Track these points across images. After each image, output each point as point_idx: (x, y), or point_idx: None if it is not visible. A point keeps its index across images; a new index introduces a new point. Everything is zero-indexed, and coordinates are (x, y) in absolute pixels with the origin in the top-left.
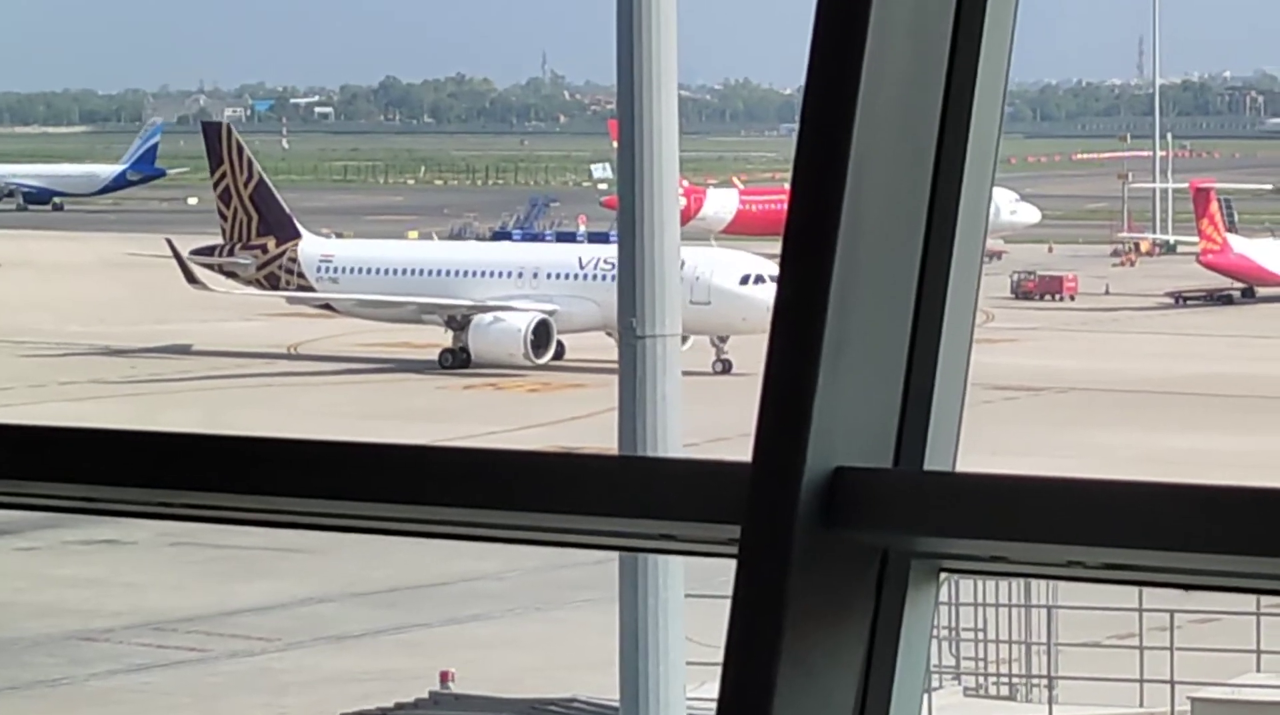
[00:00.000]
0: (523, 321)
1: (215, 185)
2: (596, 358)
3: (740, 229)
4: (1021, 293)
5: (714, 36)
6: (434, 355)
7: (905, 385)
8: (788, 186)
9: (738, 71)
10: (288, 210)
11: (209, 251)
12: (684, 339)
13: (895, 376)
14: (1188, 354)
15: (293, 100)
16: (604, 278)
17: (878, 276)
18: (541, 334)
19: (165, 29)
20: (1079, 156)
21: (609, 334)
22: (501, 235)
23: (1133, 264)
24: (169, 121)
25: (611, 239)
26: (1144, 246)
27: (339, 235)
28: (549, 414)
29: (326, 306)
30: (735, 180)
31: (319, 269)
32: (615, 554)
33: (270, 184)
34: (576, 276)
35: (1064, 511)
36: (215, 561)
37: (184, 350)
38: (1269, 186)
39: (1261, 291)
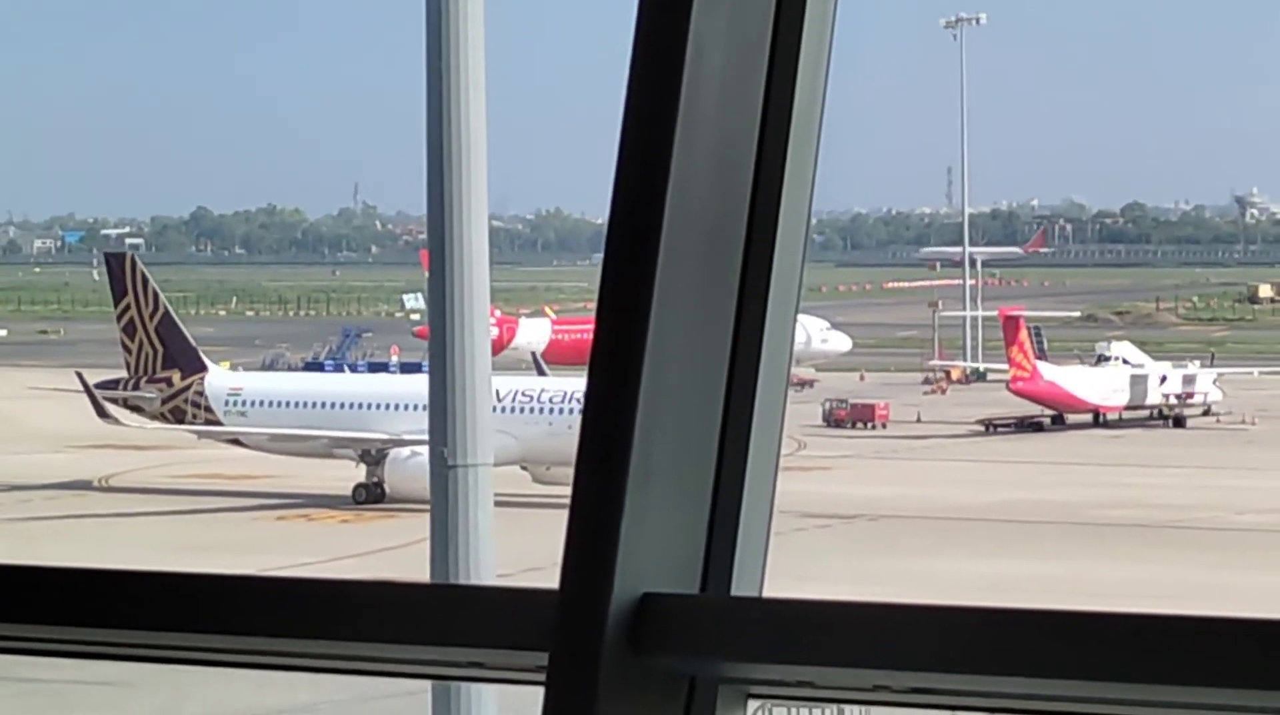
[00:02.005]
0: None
1: (119, 317)
2: (511, 492)
3: (553, 358)
4: (833, 421)
5: (525, 166)
6: (246, 486)
7: (712, 512)
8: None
9: (549, 201)
10: (193, 343)
11: (112, 385)
12: None
13: (702, 503)
14: (998, 481)
15: (104, 231)
16: (521, 411)
17: (683, 404)
18: None
19: None
20: (890, 285)
21: (523, 468)
22: (314, 366)
23: (944, 392)
24: None
25: (423, 369)
26: (955, 374)
27: None
28: (362, 545)
29: (235, 441)
30: (547, 310)
31: (227, 402)
32: (429, 683)
33: (175, 316)
34: (493, 409)
35: (870, 636)
36: (24, 696)
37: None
38: (1077, 313)
39: (1072, 418)
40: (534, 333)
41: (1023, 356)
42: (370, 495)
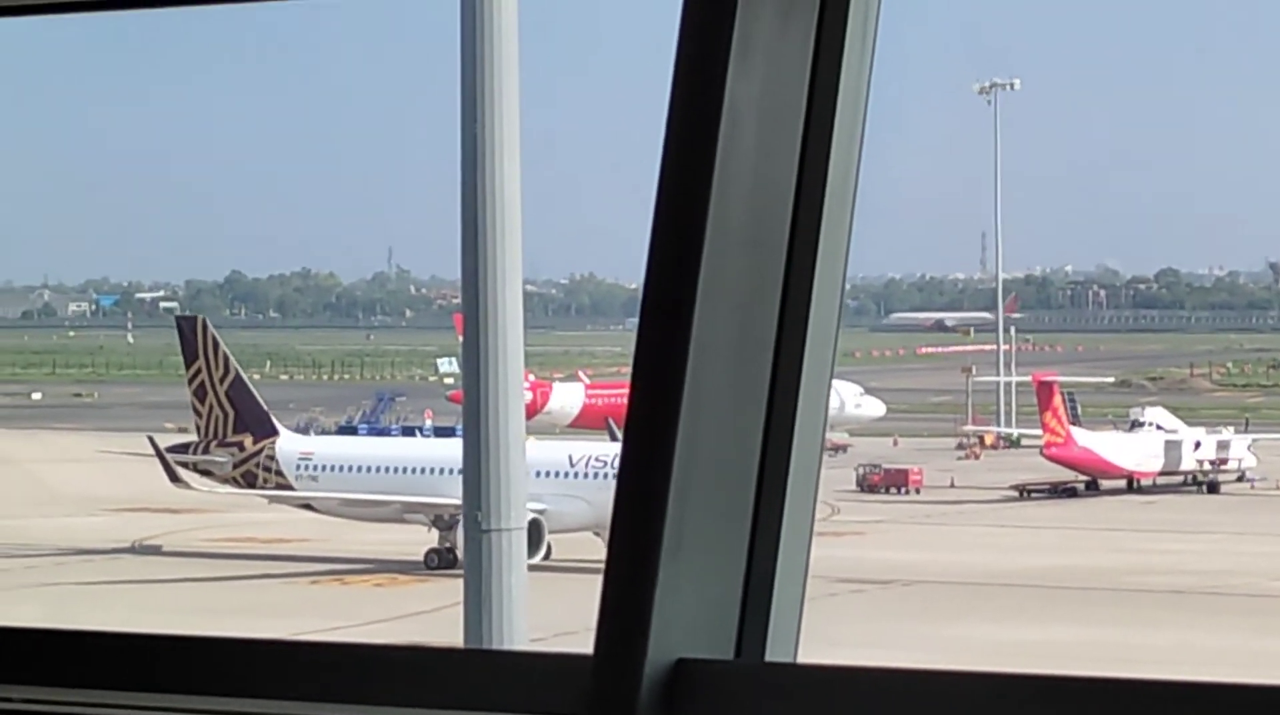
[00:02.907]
0: None
1: (190, 381)
2: (586, 558)
3: (587, 423)
4: (867, 486)
5: (559, 231)
6: (274, 549)
7: (746, 577)
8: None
9: (583, 266)
10: (265, 406)
11: (183, 449)
12: None
13: (736, 568)
14: (1032, 546)
15: (138, 295)
16: (595, 476)
17: (718, 469)
18: (532, 534)
19: (7, 224)
20: (923, 350)
21: (597, 534)
22: (347, 430)
23: (977, 457)
24: (13, 317)
25: (457, 434)
26: (988, 440)
27: (183, 430)
28: (395, 609)
29: (307, 506)
30: (581, 374)
31: (298, 466)
32: None
33: (246, 380)
34: (566, 474)
35: (905, 702)
36: None
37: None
38: (1111, 379)
39: (1105, 484)
40: (568, 397)
41: (1056, 422)
42: (443, 560)
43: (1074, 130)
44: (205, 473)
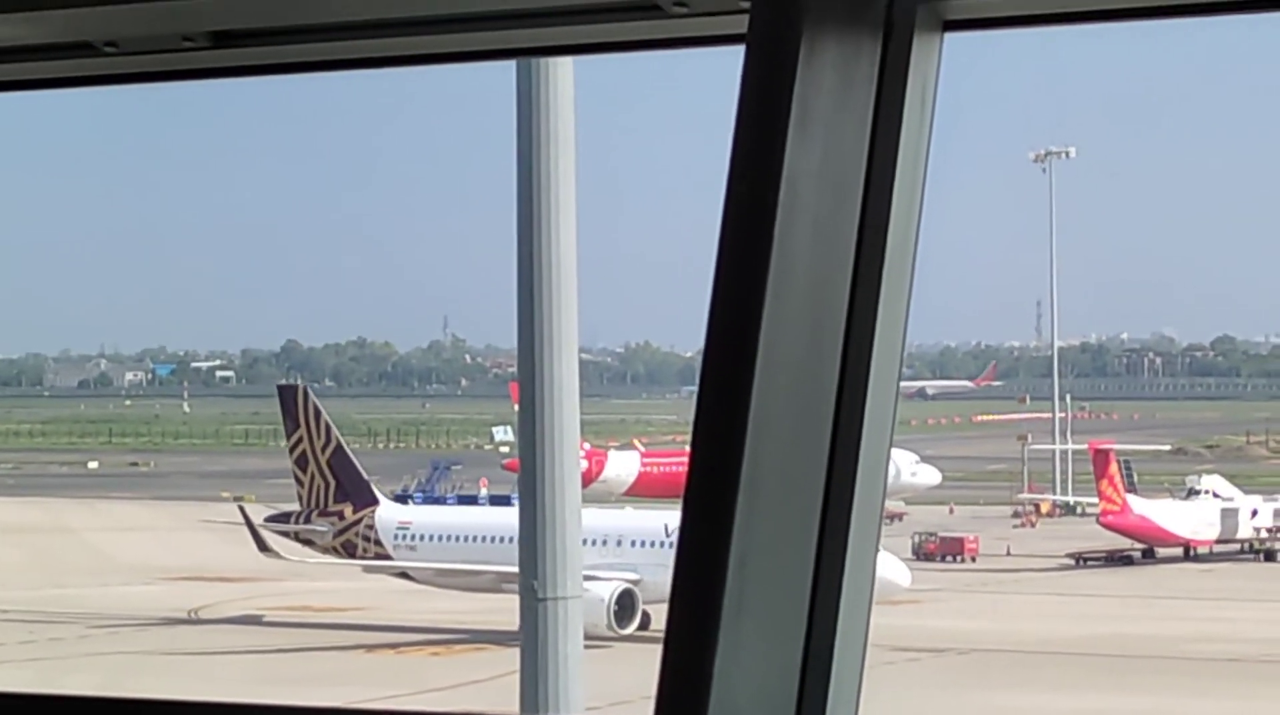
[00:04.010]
0: (606, 591)
1: (291, 450)
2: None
3: (642, 491)
4: (923, 554)
5: (615, 300)
6: (332, 618)
7: (806, 644)
8: (689, 449)
9: (638, 335)
10: (365, 476)
11: (284, 518)
12: None
13: (796, 636)
14: (1088, 615)
15: (194, 364)
16: None
17: (777, 538)
18: (626, 604)
19: (66, 294)
20: (979, 418)
21: None
22: (402, 498)
23: (1033, 525)
24: (70, 385)
25: (513, 502)
26: (1044, 508)
27: (239, 499)
28: (450, 677)
29: (404, 575)
30: (637, 443)
31: (396, 536)
32: None
33: (348, 449)
34: (661, 544)
35: None
36: None
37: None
38: (1168, 447)
39: (1162, 552)
40: (623, 465)
41: (1113, 490)
42: None
43: (1129, 198)
44: (306, 542)
